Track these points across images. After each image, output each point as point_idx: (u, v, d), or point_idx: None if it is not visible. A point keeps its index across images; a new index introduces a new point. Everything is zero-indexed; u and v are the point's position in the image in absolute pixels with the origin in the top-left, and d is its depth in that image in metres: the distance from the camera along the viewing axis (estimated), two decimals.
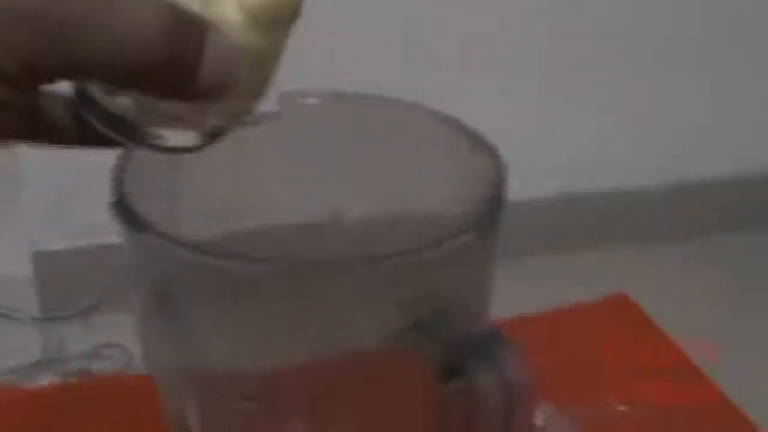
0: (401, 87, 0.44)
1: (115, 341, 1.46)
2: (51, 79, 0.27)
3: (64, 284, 1.57)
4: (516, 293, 0.73)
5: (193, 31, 0.27)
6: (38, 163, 1.47)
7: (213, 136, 0.32)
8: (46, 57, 0.25)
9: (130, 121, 0.30)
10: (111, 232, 0.41)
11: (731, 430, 0.51)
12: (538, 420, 0.52)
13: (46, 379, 1.43)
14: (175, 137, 0.31)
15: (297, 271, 0.29)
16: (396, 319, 0.28)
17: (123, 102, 0.30)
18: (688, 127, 1.67)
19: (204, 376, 0.37)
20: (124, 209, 0.34)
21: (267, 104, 0.33)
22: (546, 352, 0.49)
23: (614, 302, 0.82)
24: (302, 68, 0.41)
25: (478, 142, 0.36)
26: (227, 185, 0.44)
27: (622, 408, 0.51)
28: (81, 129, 0.32)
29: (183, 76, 0.27)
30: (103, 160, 0.38)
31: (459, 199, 0.36)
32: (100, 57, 0.26)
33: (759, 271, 1.67)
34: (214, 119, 0.31)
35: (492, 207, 0.32)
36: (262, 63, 0.30)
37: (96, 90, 0.30)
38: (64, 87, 0.30)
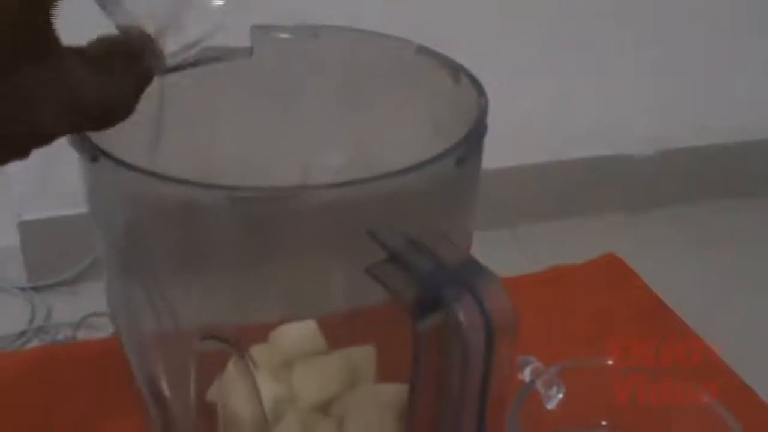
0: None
1: (102, 310, 1.44)
2: None
3: (51, 253, 1.56)
4: (505, 259, 0.72)
5: None
6: None
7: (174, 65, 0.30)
8: None
9: None
10: None
11: (719, 384, 0.50)
12: (525, 375, 0.51)
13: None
14: None
15: (264, 199, 0.27)
16: (370, 251, 0.27)
17: None
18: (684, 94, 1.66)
19: (171, 332, 0.36)
20: (80, 141, 0.32)
21: (238, 39, 0.31)
22: (534, 310, 0.48)
23: (603, 261, 0.81)
24: (276, 1, 0.39)
25: (458, 73, 0.35)
26: (200, 134, 0.43)
27: (609, 362, 0.50)
28: None
29: None
30: None
31: (442, 136, 0.35)
32: None
33: (747, 238, 1.67)
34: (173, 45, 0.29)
35: (472, 135, 0.30)
36: None
37: None
38: None
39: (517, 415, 0.46)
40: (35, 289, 1.56)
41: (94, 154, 0.30)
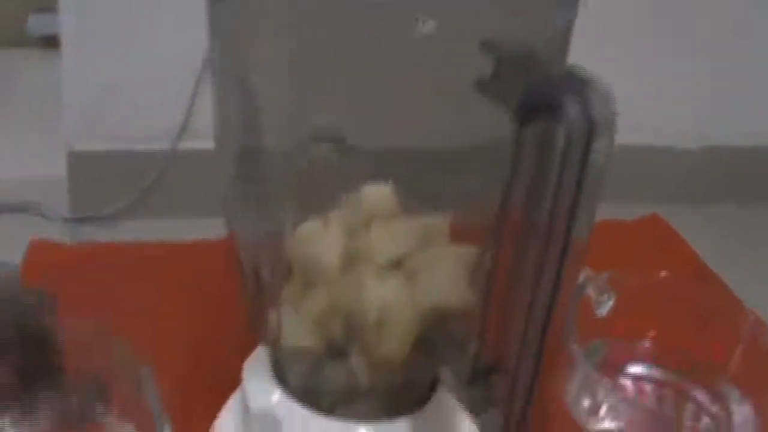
0: None
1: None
2: None
3: (97, 186, 1.59)
4: None
5: None
6: (79, 66, 1.49)
7: None
8: None
9: None
10: (146, 139, 0.41)
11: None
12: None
13: None
14: None
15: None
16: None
17: None
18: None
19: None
20: None
21: None
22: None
23: (647, 220, 0.83)
24: None
25: None
26: None
27: (663, 274, 0.51)
28: None
29: None
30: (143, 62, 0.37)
31: None
32: None
33: None
34: None
35: None
36: None
37: None
38: None
39: (575, 310, 0.48)
40: (78, 220, 1.59)
41: None
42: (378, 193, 0.41)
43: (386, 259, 0.40)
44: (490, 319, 0.32)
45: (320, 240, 0.40)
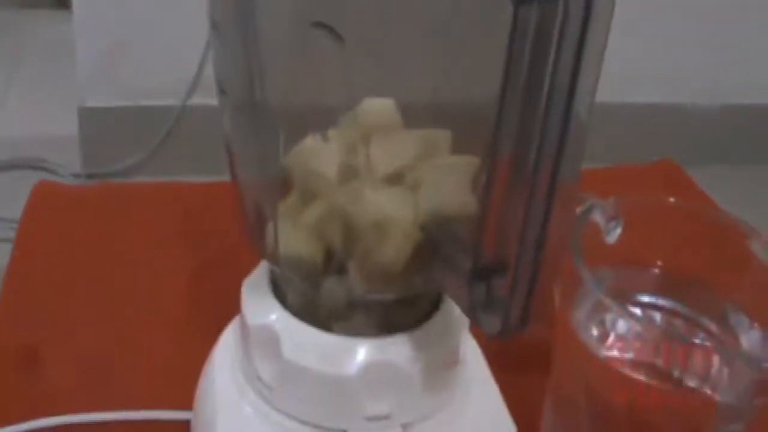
0: None
1: None
2: None
3: (108, 143, 1.59)
4: None
5: None
6: (91, 23, 1.48)
7: None
8: None
9: None
10: (157, 95, 0.40)
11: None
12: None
13: None
14: None
15: None
16: None
17: None
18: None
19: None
20: None
21: None
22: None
23: (660, 165, 0.82)
24: None
25: None
26: None
27: (671, 200, 0.50)
28: None
29: None
30: (153, 18, 0.37)
31: None
32: None
33: None
34: None
35: None
36: None
37: None
38: None
39: (580, 235, 0.47)
40: (89, 176, 1.60)
41: None
42: (377, 107, 0.40)
43: (386, 173, 0.39)
44: (489, 219, 0.31)
45: (319, 154, 0.39)
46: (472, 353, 0.43)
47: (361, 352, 0.39)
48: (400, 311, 0.40)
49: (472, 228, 0.32)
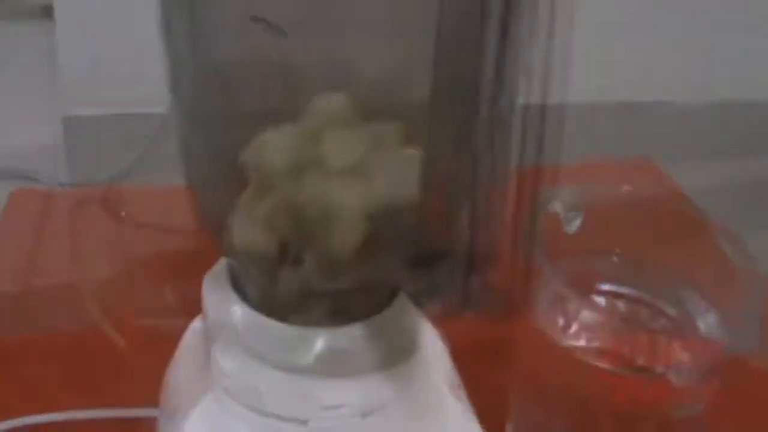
0: None
1: None
2: None
3: (92, 152, 1.59)
4: None
5: None
6: (73, 31, 1.48)
7: None
8: None
9: None
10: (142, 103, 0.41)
11: None
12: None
13: None
14: None
15: None
16: None
17: None
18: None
19: None
20: None
21: None
22: None
23: (636, 161, 0.82)
24: None
25: None
26: None
27: (626, 188, 0.51)
28: None
29: None
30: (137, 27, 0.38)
31: None
32: None
33: None
34: None
35: None
36: None
37: None
38: None
39: (540, 225, 0.48)
40: (73, 185, 1.59)
41: None
42: (330, 102, 0.41)
43: (340, 167, 0.39)
44: (431, 209, 0.32)
45: (273, 147, 0.40)
46: (430, 341, 0.44)
47: (317, 342, 0.39)
48: (356, 301, 0.41)
49: (417, 217, 0.33)
